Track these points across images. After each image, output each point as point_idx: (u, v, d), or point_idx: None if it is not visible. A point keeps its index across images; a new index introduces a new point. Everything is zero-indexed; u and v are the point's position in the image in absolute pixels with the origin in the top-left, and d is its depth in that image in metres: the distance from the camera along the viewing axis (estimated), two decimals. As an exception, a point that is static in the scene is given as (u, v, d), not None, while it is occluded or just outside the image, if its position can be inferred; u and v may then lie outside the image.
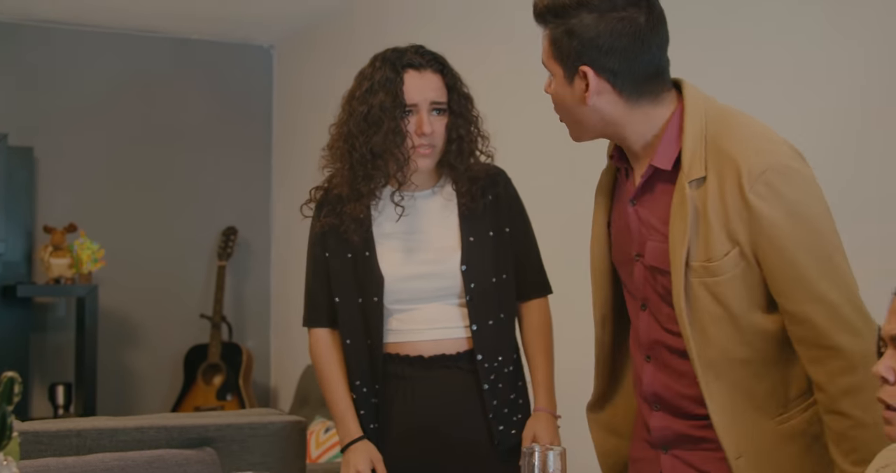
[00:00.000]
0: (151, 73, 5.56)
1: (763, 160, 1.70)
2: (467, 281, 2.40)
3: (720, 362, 1.79)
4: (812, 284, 1.70)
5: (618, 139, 1.87)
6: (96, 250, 5.03)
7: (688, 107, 1.79)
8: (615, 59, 1.75)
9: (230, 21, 5.38)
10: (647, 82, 1.79)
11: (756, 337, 1.78)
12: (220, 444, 2.77)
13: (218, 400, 5.27)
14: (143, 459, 2.57)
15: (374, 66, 2.41)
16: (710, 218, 1.73)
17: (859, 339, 1.69)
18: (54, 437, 2.62)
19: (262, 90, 5.83)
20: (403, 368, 2.43)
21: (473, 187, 2.44)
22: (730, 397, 1.80)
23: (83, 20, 5.31)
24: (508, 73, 3.85)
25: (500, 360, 2.43)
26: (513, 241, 2.48)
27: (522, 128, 3.78)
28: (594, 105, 1.79)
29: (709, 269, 1.75)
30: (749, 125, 1.79)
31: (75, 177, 5.36)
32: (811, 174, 1.75)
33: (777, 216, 1.70)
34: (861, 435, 1.69)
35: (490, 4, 3.98)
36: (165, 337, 5.50)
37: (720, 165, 1.73)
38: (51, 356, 5.27)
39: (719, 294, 1.76)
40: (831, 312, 1.70)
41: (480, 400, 2.41)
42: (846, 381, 1.70)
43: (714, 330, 1.78)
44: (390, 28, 4.63)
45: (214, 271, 5.54)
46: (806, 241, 1.71)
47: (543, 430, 2.43)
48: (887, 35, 2.38)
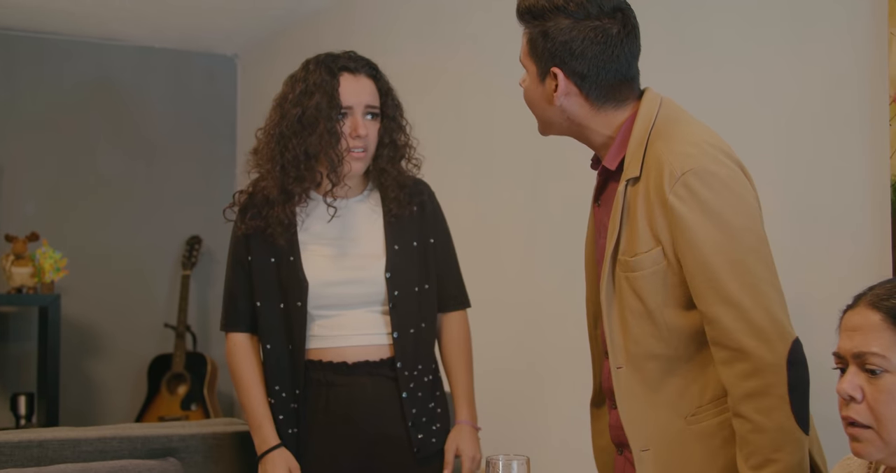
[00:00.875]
0: (115, 82, 5.51)
1: (685, 163, 1.75)
2: (391, 289, 2.41)
3: (637, 356, 1.83)
4: (722, 286, 1.73)
5: (581, 138, 1.95)
6: (59, 259, 4.97)
7: (640, 112, 1.87)
8: (585, 64, 1.84)
9: (194, 30, 5.35)
10: (614, 89, 1.87)
11: (671, 334, 1.81)
12: (183, 455, 2.74)
13: (182, 410, 5.23)
14: (106, 469, 2.55)
15: (308, 70, 2.42)
16: (638, 215, 1.80)
17: (767, 345, 1.71)
18: (16, 448, 2.59)
19: (227, 99, 5.80)
20: (326, 374, 2.41)
21: (401, 193, 2.47)
22: (641, 390, 1.83)
23: (46, 28, 5.26)
24: (472, 77, 3.86)
25: (420, 369, 2.44)
26: (435, 253, 2.50)
27: (487, 127, 3.79)
28: (561, 105, 1.88)
29: (630, 264, 1.81)
30: (687, 130, 1.84)
31: (38, 186, 5.30)
32: (736, 179, 1.78)
33: (693, 217, 1.74)
34: (759, 440, 1.71)
35: (452, 12, 3.98)
36: (129, 347, 5.45)
37: (651, 166, 1.80)
38: (13, 365, 5.20)
39: (638, 289, 1.81)
40: (739, 315, 1.72)
41: (400, 408, 2.40)
42: (749, 385, 1.72)
43: (634, 323, 1.82)
44: (355, 37, 4.62)
45: (179, 280, 5.49)
46: (719, 244, 1.74)
47: (466, 443, 2.44)
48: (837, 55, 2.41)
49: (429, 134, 4.19)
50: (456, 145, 3.95)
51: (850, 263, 2.37)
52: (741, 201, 1.77)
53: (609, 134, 1.89)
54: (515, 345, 3.53)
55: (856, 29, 2.37)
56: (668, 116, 1.87)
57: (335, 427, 2.40)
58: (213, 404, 5.26)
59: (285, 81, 2.48)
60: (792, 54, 2.54)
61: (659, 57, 2.91)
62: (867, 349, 1.45)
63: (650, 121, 1.85)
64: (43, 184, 5.31)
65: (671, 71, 2.87)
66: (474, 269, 3.87)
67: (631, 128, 1.86)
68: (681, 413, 1.83)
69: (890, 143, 2.25)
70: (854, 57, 2.38)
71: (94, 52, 5.46)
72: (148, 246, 5.52)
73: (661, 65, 2.90)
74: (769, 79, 2.61)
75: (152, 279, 5.55)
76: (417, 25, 4.22)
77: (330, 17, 4.87)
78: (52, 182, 5.33)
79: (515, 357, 3.52)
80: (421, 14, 4.20)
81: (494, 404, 3.72)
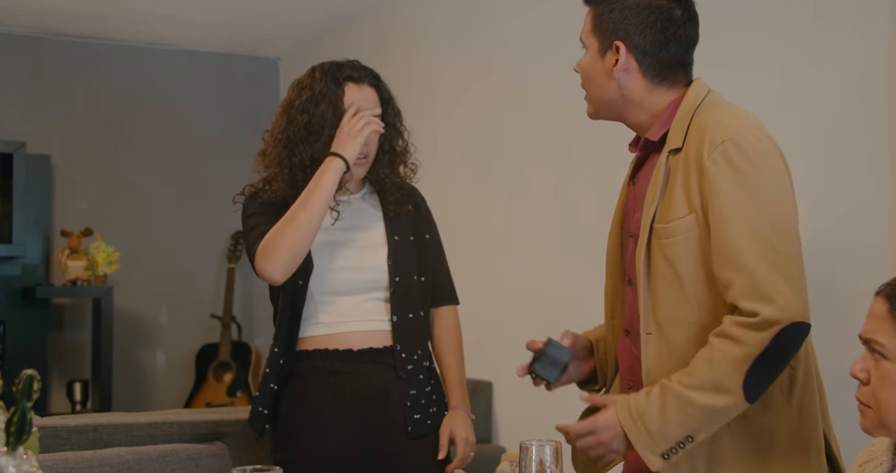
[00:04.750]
0: (163, 84, 5.55)
1: (725, 132, 1.74)
2: (392, 275, 2.43)
3: (666, 323, 1.81)
4: (741, 253, 1.69)
5: (628, 118, 1.93)
6: (111, 253, 5.02)
7: (688, 94, 1.87)
8: (647, 40, 1.85)
9: (239, 34, 5.38)
10: (670, 69, 1.87)
11: (699, 302, 1.78)
12: (230, 439, 2.76)
13: (228, 397, 5.26)
14: (157, 453, 2.57)
15: (314, 78, 2.44)
16: (677, 184, 1.78)
17: (774, 310, 1.66)
18: (72, 432, 2.62)
19: (269, 99, 5.82)
20: (333, 363, 2.41)
21: (399, 194, 2.49)
22: (668, 356, 1.81)
23: (98, 34, 5.31)
24: (505, 83, 3.85)
25: (419, 354, 2.45)
26: (430, 249, 2.53)
27: (518, 133, 3.78)
28: (619, 80, 1.88)
29: (663, 231, 1.79)
30: (731, 110, 1.84)
31: (91, 183, 5.35)
32: (774, 154, 1.77)
33: (725, 184, 1.72)
34: (702, 368, 1.70)
35: (487, 16, 3.97)
36: (178, 337, 5.50)
37: (693, 136, 1.79)
38: (69, 354, 5.26)
39: (670, 255, 1.78)
40: (749, 282, 1.68)
41: (399, 389, 2.41)
42: (737, 332, 1.68)
43: (664, 290, 1.80)
44: (390, 40, 4.63)
45: (224, 273, 5.53)
46: (746, 212, 1.71)
47: (460, 427, 2.46)
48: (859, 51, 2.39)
49: (461, 138, 4.21)
50: (488, 149, 3.94)
51: (872, 260, 2.35)
52: (775, 176, 1.75)
53: (656, 112, 1.89)
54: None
55: (877, 31, 2.35)
56: (715, 99, 1.86)
57: (338, 411, 2.41)
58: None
59: (291, 86, 2.49)
60: (816, 52, 2.52)
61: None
62: (873, 336, 1.48)
63: (697, 101, 1.84)
64: (95, 182, 5.36)
65: (697, 67, 2.85)
66: (509, 274, 3.88)
67: (677, 107, 1.86)
68: None
69: (911, 140, 2.22)
70: (876, 58, 2.35)
71: (143, 57, 5.50)
72: (195, 240, 5.56)
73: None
74: (792, 82, 2.59)
75: (199, 272, 5.59)
76: (453, 31, 4.21)
77: (366, 22, 4.88)
78: (104, 180, 5.38)
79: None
80: (456, 20, 4.19)
81: (523, 392, 3.74)
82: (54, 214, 5.26)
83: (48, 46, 5.29)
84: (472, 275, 3.75)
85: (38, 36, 5.26)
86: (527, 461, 1.55)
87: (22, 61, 5.23)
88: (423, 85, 4.30)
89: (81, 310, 5.29)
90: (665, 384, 1.73)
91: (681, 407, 1.70)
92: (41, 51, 5.27)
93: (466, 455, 2.46)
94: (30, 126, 5.18)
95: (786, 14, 2.61)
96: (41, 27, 5.17)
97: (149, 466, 2.53)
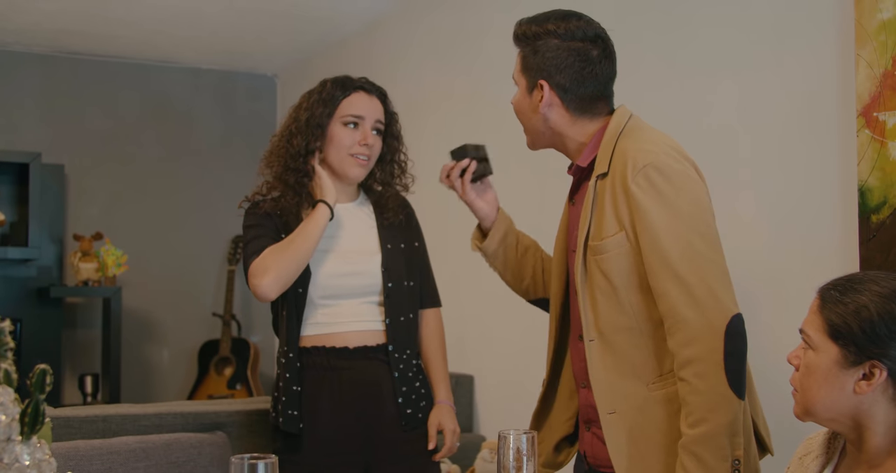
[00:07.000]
0: (168, 98, 5.54)
1: (646, 157, 1.80)
2: (386, 281, 2.44)
3: (606, 329, 1.85)
4: (672, 264, 1.75)
5: (559, 146, 2.01)
6: (120, 256, 5.00)
7: (611, 122, 1.93)
8: (567, 78, 1.91)
9: (239, 53, 5.37)
10: (590, 103, 1.94)
11: (634, 309, 1.83)
12: (230, 429, 2.76)
13: (228, 390, 5.24)
14: (162, 442, 2.56)
15: (324, 86, 2.49)
16: (605, 204, 1.84)
17: (705, 316, 1.73)
18: (83, 422, 2.61)
19: (267, 114, 5.82)
20: (330, 359, 2.42)
21: (391, 203, 2.51)
22: (610, 360, 1.85)
23: (110, 52, 5.29)
24: (486, 98, 3.86)
25: (409, 353, 2.46)
26: (418, 256, 2.54)
27: (499, 145, 3.78)
28: (545, 114, 1.95)
29: (597, 248, 1.84)
30: (649, 134, 1.89)
31: (101, 191, 5.33)
32: (689, 174, 1.82)
33: (650, 204, 1.78)
34: (695, 400, 1.73)
35: (467, 35, 3.98)
36: (181, 333, 5.48)
37: (617, 162, 1.84)
38: (80, 350, 5.23)
39: (605, 269, 1.83)
40: (685, 290, 1.74)
41: (392, 386, 2.42)
42: (688, 351, 1.74)
43: (602, 300, 1.85)
44: (376, 59, 4.64)
45: (225, 274, 5.51)
46: (672, 227, 1.77)
47: (447, 419, 2.49)
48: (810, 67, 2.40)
49: (443, 145, 4.20)
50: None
51: (821, 259, 2.36)
52: (692, 192, 1.80)
53: (583, 141, 1.95)
54: (521, 334, 3.53)
55: (827, 51, 2.36)
56: (635, 125, 1.91)
57: (338, 406, 2.41)
58: (255, 384, 5.28)
59: (303, 95, 2.54)
60: (771, 73, 2.53)
61: (651, 72, 2.90)
62: (805, 328, 1.52)
63: (619, 128, 1.90)
64: (105, 190, 5.34)
65: (662, 86, 2.86)
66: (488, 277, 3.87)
67: (602, 135, 1.92)
68: (644, 380, 1.84)
69: (857, 152, 2.24)
70: (826, 75, 2.37)
71: (151, 73, 5.48)
72: (197, 244, 5.54)
73: (653, 79, 2.89)
74: (751, 94, 2.60)
75: (201, 273, 5.57)
76: (434, 48, 4.21)
77: (357, 42, 4.88)
78: (113, 188, 5.35)
79: (522, 343, 3.51)
80: (437, 40, 4.20)
81: (503, 385, 3.73)
82: (67, 220, 5.23)
83: (63, 64, 5.26)
84: (455, 278, 3.75)
85: (53, 54, 5.23)
86: (505, 449, 1.56)
87: (38, 78, 5.21)
88: (406, 100, 4.30)
89: (92, 309, 5.26)
90: (680, 444, 1.74)
91: (704, 447, 1.71)
92: (56, 68, 5.25)
93: (453, 444, 2.48)
94: (45, 138, 5.16)
95: (747, 32, 2.62)
96: (56, 46, 5.14)
97: (154, 454, 2.52)
